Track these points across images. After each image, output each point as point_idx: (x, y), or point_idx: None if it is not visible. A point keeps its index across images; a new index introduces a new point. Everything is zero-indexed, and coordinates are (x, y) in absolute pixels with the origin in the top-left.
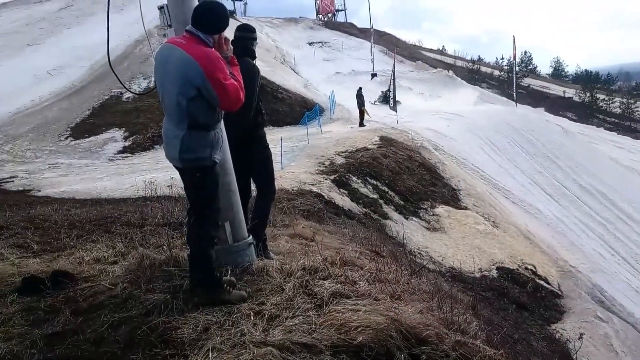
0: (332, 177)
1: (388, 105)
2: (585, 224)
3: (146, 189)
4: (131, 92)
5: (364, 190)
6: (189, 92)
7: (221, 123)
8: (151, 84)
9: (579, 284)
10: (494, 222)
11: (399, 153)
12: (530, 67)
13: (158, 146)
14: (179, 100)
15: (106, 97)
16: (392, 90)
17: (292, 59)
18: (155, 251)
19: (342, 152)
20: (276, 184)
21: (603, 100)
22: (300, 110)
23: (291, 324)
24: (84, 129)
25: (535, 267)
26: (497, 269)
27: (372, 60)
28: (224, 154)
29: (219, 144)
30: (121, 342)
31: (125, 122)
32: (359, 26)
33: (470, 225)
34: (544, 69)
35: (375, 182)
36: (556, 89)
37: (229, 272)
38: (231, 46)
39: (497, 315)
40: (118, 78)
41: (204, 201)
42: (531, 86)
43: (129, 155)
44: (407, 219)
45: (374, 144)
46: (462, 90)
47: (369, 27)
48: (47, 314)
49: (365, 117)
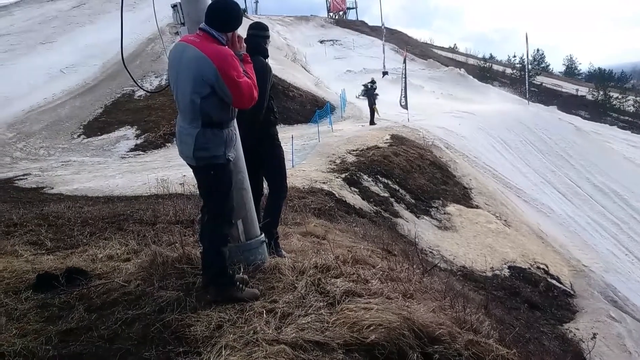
0: (343, 176)
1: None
2: (598, 223)
3: (158, 187)
4: (144, 90)
5: (374, 188)
6: (202, 90)
7: (234, 121)
8: (163, 82)
9: (592, 283)
10: (505, 221)
11: (410, 151)
12: (542, 65)
13: (170, 144)
14: (193, 98)
15: (118, 95)
16: (403, 88)
17: (303, 57)
18: (167, 249)
19: (353, 151)
20: (288, 182)
21: (616, 98)
22: (311, 109)
23: (304, 322)
24: (97, 126)
25: (547, 267)
26: (509, 268)
27: (384, 59)
28: (237, 151)
29: (232, 142)
30: (135, 339)
31: (137, 120)
32: (370, 24)
33: (481, 224)
34: (557, 67)
35: (386, 181)
36: (569, 87)
37: (242, 270)
38: (244, 44)
39: (509, 315)
40: (132, 76)
41: (217, 199)
42: (543, 84)
43: (140, 153)
44: (418, 217)
45: (385, 142)
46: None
47: (380, 25)
48: (61, 311)
49: (376, 115)
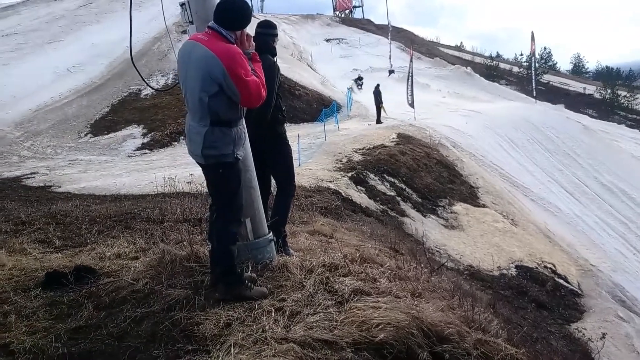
0: (350, 174)
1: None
2: (606, 222)
3: (165, 186)
4: (152, 88)
5: (381, 187)
6: (210, 89)
7: (243, 120)
8: (169, 81)
9: (600, 283)
10: (512, 220)
11: (417, 150)
12: (549, 64)
13: (176, 143)
14: (201, 96)
15: (125, 94)
16: (409, 87)
17: (309, 55)
18: (176, 247)
19: (360, 149)
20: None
21: (624, 97)
22: (317, 107)
23: (312, 320)
24: (103, 125)
25: (554, 266)
26: (516, 267)
27: (390, 57)
28: (246, 150)
29: (241, 141)
30: (143, 337)
31: (144, 119)
32: (376, 23)
33: (488, 223)
34: (564, 65)
35: (392, 180)
36: (576, 86)
37: (250, 268)
38: (253, 43)
39: (516, 314)
40: (140, 75)
41: (225, 197)
42: (551, 83)
43: (147, 151)
44: (424, 216)
45: (392, 141)
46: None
47: (387, 23)
48: (70, 309)
49: (382, 114)
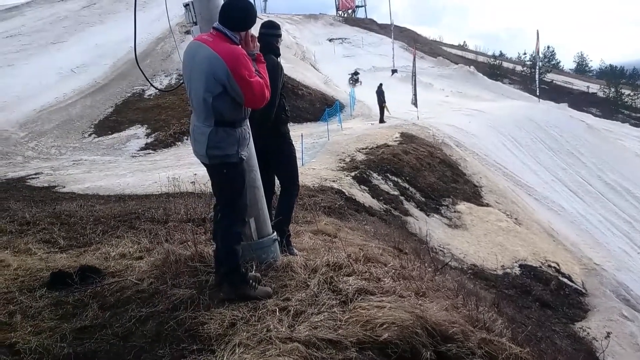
0: (353, 174)
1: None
2: (610, 221)
3: (169, 186)
4: (156, 88)
5: (384, 186)
6: (214, 89)
7: (247, 120)
8: (173, 81)
9: (604, 282)
10: (516, 219)
11: (420, 149)
12: (553, 62)
13: (180, 143)
14: (205, 97)
15: (128, 95)
16: (413, 86)
17: (312, 55)
18: (180, 247)
19: (363, 149)
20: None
21: (628, 95)
22: (321, 107)
23: (316, 320)
24: (107, 126)
25: (558, 265)
26: (520, 266)
27: (393, 57)
28: (250, 150)
29: (245, 141)
30: (148, 337)
31: (148, 119)
32: (379, 22)
33: (492, 222)
34: (567, 64)
35: (396, 179)
36: (580, 85)
37: (254, 268)
38: (258, 43)
39: (520, 313)
40: (144, 75)
41: (230, 197)
42: (554, 81)
43: (151, 152)
44: (428, 215)
45: (395, 141)
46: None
47: (389, 23)
48: (75, 309)
49: (386, 113)
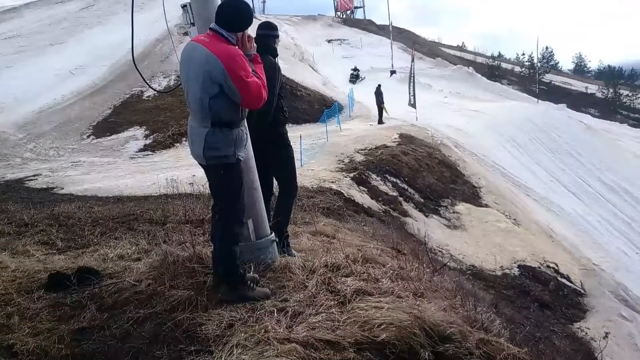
0: (352, 175)
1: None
2: (608, 221)
3: (168, 187)
4: (154, 89)
5: (383, 187)
6: (211, 90)
7: (245, 121)
8: (171, 83)
9: (603, 282)
10: (515, 219)
11: (419, 150)
12: (551, 63)
13: (179, 144)
14: (202, 97)
15: (127, 96)
16: (411, 87)
17: (310, 56)
18: (178, 248)
19: (362, 150)
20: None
21: (627, 96)
22: (319, 108)
23: (314, 320)
24: (106, 127)
25: (557, 265)
26: (519, 267)
27: (392, 57)
28: (248, 151)
29: (242, 142)
30: (146, 338)
31: (146, 121)
32: (377, 23)
33: (491, 222)
34: (566, 65)
35: (394, 180)
36: (578, 85)
37: (252, 269)
38: (255, 44)
39: (519, 314)
40: (142, 76)
41: (227, 198)
42: (552, 82)
43: (149, 153)
44: (427, 216)
45: (394, 141)
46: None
47: (388, 24)
48: (73, 310)
49: (384, 114)
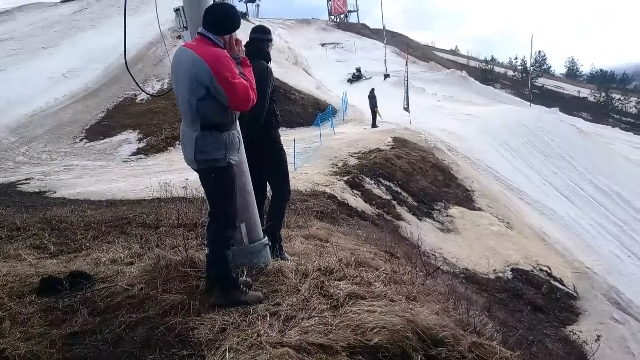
0: (345, 178)
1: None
2: (601, 225)
3: (161, 191)
4: (147, 93)
5: (377, 191)
6: (198, 92)
7: (236, 124)
8: (164, 86)
9: (595, 285)
10: (508, 223)
11: (412, 154)
12: (544, 67)
13: (172, 148)
14: (190, 99)
15: (120, 99)
16: (405, 91)
17: (304, 60)
18: (171, 252)
19: (355, 153)
20: (290, 185)
21: (619, 100)
22: (313, 112)
23: (307, 324)
24: (99, 130)
25: (550, 269)
26: (512, 270)
27: (385, 61)
28: (240, 155)
29: (234, 145)
30: (139, 342)
31: (139, 124)
32: (371, 27)
33: (484, 226)
34: (558, 69)
35: (388, 183)
36: (571, 89)
37: (245, 272)
38: (243, 47)
39: (512, 317)
40: (135, 81)
41: (220, 202)
42: (545, 86)
43: (143, 157)
44: (420, 220)
45: (387, 145)
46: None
47: (382, 27)
48: (65, 314)
49: (378, 118)
